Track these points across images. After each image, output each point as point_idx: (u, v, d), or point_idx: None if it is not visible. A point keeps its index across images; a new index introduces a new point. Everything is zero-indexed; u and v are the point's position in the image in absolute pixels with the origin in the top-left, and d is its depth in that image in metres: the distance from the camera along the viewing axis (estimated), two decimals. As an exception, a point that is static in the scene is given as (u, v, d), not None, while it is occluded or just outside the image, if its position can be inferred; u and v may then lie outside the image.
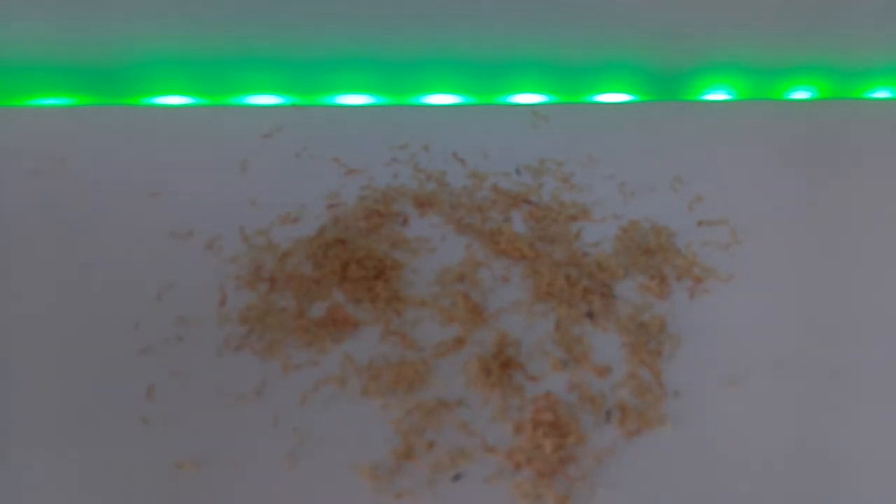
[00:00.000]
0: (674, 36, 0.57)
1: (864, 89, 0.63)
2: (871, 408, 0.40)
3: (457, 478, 0.36)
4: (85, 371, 0.39)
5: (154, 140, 0.52)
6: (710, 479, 0.36)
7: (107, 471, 0.35)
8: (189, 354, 0.40)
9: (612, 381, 0.40)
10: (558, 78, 0.58)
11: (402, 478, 0.36)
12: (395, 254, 0.45)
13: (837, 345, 0.43)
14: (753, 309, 0.44)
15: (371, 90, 0.58)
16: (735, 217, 0.50)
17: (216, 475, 0.35)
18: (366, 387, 0.39)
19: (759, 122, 0.58)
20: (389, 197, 0.49)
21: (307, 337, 0.41)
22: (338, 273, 0.43)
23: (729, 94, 0.60)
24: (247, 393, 0.38)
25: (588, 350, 0.41)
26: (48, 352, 0.40)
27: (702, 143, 0.55)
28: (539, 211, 0.48)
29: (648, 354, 0.41)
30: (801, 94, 0.62)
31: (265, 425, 0.37)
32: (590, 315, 0.43)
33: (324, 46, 0.55)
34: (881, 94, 0.63)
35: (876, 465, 0.37)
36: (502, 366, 0.40)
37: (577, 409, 0.39)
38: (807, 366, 0.41)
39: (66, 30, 0.52)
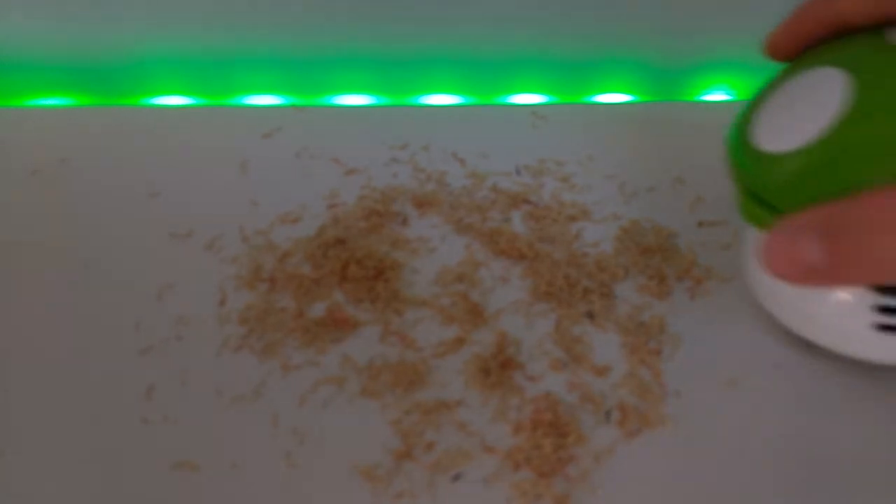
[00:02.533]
0: (674, 35, 0.57)
1: (865, 89, 0.63)
2: (871, 407, 0.39)
3: (456, 478, 0.36)
4: (85, 371, 0.39)
5: (154, 140, 0.52)
6: (710, 479, 0.36)
7: (106, 471, 0.35)
8: (189, 354, 0.40)
9: (612, 381, 0.40)
10: (558, 78, 0.58)
11: (401, 478, 0.36)
12: (395, 254, 0.45)
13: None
14: (753, 309, 0.44)
15: (371, 90, 0.58)
16: (735, 217, 0.49)
17: (215, 475, 0.35)
18: (365, 387, 0.39)
19: (760, 121, 0.58)
20: (389, 197, 0.49)
21: (307, 337, 0.41)
22: (338, 273, 0.43)
23: (729, 94, 0.60)
24: (246, 393, 0.38)
25: (588, 350, 0.41)
26: (48, 351, 0.40)
27: (702, 143, 0.55)
28: (539, 211, 0.48)
29: (648, 354, 0.41)
30: (801, 94, 0.62)
31: (264, 426, 0.37)
32: (590, 315, 0.43)
33: (324, 46, 0.55)
34: (882, 93, 0.63)
35: (876, 466, 0.37)
36: (502, 366, 0.40)
37: (577, 409, 0.39)
38: (807, 366, 0.41)
39: (66, 30, 0.52)
